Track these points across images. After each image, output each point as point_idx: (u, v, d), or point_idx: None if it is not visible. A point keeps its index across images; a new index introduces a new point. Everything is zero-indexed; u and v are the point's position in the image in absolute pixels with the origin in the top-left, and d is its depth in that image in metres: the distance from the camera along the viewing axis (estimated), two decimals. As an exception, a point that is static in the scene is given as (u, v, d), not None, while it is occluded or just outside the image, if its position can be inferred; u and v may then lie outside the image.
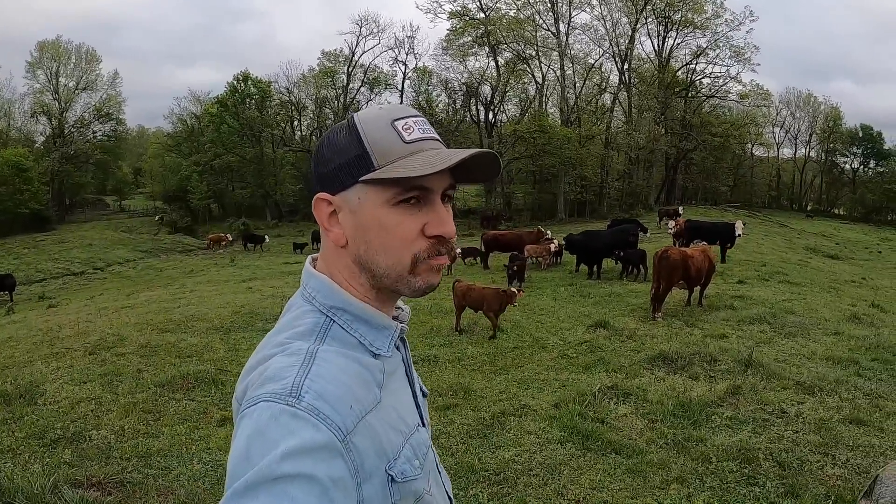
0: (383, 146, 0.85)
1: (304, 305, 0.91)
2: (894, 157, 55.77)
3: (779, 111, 56.11)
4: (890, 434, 4.41)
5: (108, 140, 51.45)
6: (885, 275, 18.05)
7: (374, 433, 0.80)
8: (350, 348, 0.86)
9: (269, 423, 0.72)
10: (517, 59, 44.48)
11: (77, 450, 4.31)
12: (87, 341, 7.65)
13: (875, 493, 1.96)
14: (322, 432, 0.72)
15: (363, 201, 0.86)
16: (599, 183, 42.61)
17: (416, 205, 0.86)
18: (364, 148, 0.85)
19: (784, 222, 35.41)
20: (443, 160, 0.83)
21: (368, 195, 0.86)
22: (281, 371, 0.78)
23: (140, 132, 69.29)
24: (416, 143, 0.86)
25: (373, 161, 0.85)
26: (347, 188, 0.87)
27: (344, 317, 0.88)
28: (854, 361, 6.23)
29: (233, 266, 21.17)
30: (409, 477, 0.84)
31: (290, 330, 0.87)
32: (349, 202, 0.87)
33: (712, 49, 44.80)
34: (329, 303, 0.89)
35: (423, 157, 0.85)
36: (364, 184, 0.85)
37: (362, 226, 0.87)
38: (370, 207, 0.86)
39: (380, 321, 0.91)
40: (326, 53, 48.06)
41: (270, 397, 0.74)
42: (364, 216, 0.86)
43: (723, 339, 7.20)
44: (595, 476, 3.84)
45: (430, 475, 0.93)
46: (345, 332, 0.87)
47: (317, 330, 0.86)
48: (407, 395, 0.96)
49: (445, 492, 1.03)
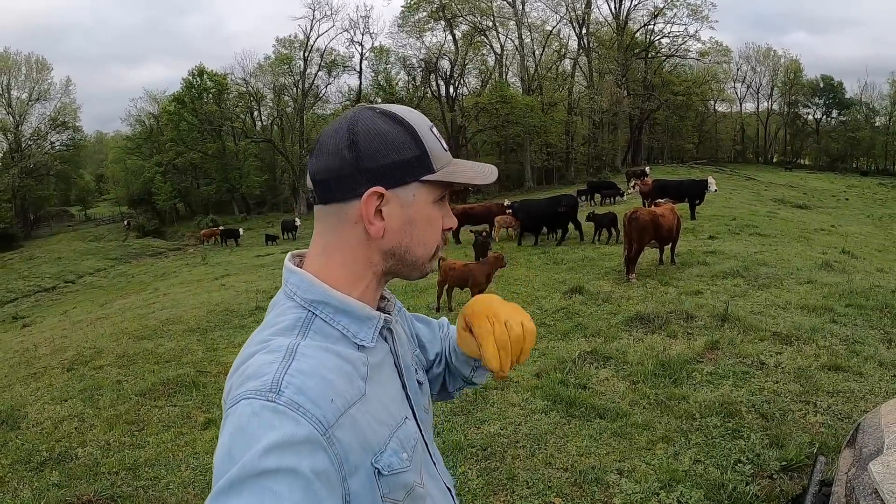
0: (435, 151, 0.91)
1: (287, 302, 0.91)
2: (856, 106, 56.97)
3: (739, 66, 56.88)
4: (869, 378, 4.49)
5: (66, 150, 50.22)
6: (854, 221, 18.50)
7: (357, 427, 0.80)
8: (333, 341, 0.86)
9: (250, 419, 0.72)
10: (474, 31, 44.27)
11: (64, 470, 4.22)
12: (64, 357, 7.50)
13: (858, 442, 1.98)
14: (303, 426, 0.73)
15: (416, 198, 0.91)
16: (565, 149, 42.82)
17: (442, 202, 0.95)
18: (424, 150, 0.90)
19: (751, 175, 35.96)
20: (487, 173, 0.96)
21: (421, 193, 0.91)
22: (261, 368, 0.79)
23: (98, 138, 67.66)
24: (448, 152, 0.95)
25: (432, 164, 0.90)
26: (404, 185, 0.89)
27: (325, 310, 0.88)
28: (828, 309, 6.31)
29: (205, 264, 20.90)
30: (397, 470, 0.85)
31: (273, 327, 0.87)
32: (402, 198, 0.90)
33: (670, 9, 45.08)
34: (310, 297, 0.89)
35: (466, 166, 0.95)
36: (420, 183, 0.90)
37: (411, 220, 0.91)
38: (422, 204, 0.91)
39: (361, 312, 0.90)
40: (281, 40, 47.36)
41: (251, 394, 0.75)
42: (414, 212, 0.91)
43: (698, 296, 7.26)
44: (581, 442, 3.86)
45: (421, 468, 0.93)
46: (327, 325, 0.88)
47: (299, 325, 0.86)
48: (395, 387, 0.96)
49: (444, 484, 1.03)
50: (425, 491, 0.93)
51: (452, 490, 1.07)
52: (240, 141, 47.19)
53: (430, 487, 0.95)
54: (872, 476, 1.73)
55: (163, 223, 46.17)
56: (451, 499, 1.05)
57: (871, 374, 4.56)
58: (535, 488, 3.35)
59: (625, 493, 3.21)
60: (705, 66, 49.12)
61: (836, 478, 1.97)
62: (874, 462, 1.79)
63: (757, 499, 3.02)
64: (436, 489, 0.99)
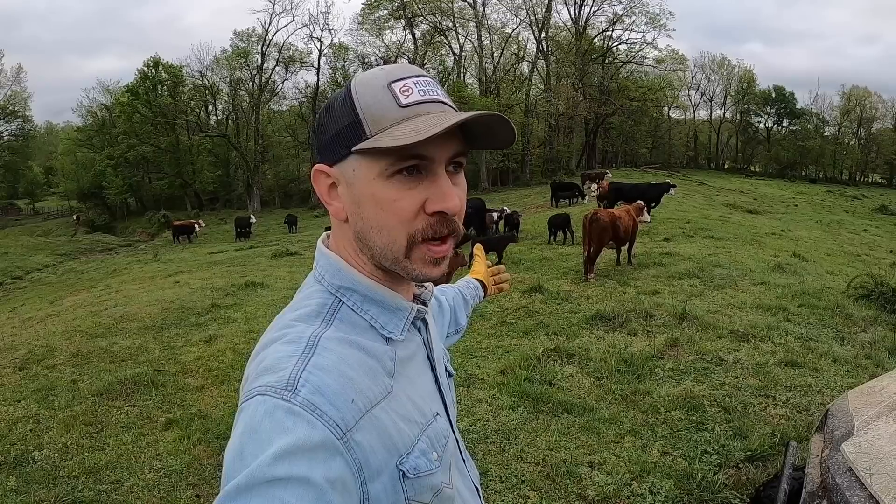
0: (376, 112, 0.77)
1: (314, 285, 0.86)
2: (806, 116, 59.27)
3: (694, 75, 58.34)
4: (824, 373, 4.69)
5: (15, 140, 48.36)
6: (803, 226, 19.14)
7: (381, 427, 0.76)
8: (360, 332, 0.81)
9: (263, 419, 0.68)
10: (434, 30, 44.39)
11: (21, 474, 4.04)
12: (15, 356, 7.18)
13: (828, 426, 2.09)
14: (318, 429, 0.68)
15: (357, 173, 0.79)
16: (521, 151, 43.19)
17: (416, 177, 0.78)
18: (357, 115, 0.78)
19: (703, 181, 36.92)
20: (433, 126, 0.74)
21: (361, 167, 0.79)
22: (279, 361, 0.74)
23: (48, 129, 65.34)
24: (414, 107, 0.77)
25: (365, 129, 0.77)
26: (343, 159, 0.80)
27: (353, 297, 0.83)
28: (782, 308, 6.55)
29: (157, 261, 20.31)
30: (423, 473, 0.79)
31: (297, 311, 0.83)
32: (345, 174, 0.81)
33: (628, 16, 46.00)
34: (337, 282, 0.84)
35: (417, 122, 0.76)
36: (358, 154, 0.79)
37: (357, 200, 0.80)
38: (364, 180, 0.79)
39: (392, 302, 0.85)
40: (239, 34, 46.53)
41: (266, 391, 0.70)
42: (358, 190, 0.80)
43: (656, 295, 7.43)
44: (551, 437, 3.92)
45: (450, 467, 0.88)
46: (354, 314, 0.83)
47: (323, 312, 0.82)
48: (427, 382, 0.91)
49: (472, 482, 0.99)
50: (454, 491, 0.87)
51: (480, 489, 1.03)
52: (194, 135, 46.11)
53: (459, 486, 0.91)
54: (846, 456, 1.84)
55: (113, 218, 44.75)
56: (479, 499, 1.00)
57: (826, 369, 4.77)
58: (509, 482, 3.39)
59: (597, 484, 3.28)
60: (661, 74, 50.22)
61: (810, 460, 2.08)
62: (846, 443, 1.90)
63: (725, 487, 3.13)
64: (465, 488, 0.94)
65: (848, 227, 21.38)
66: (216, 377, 5.70)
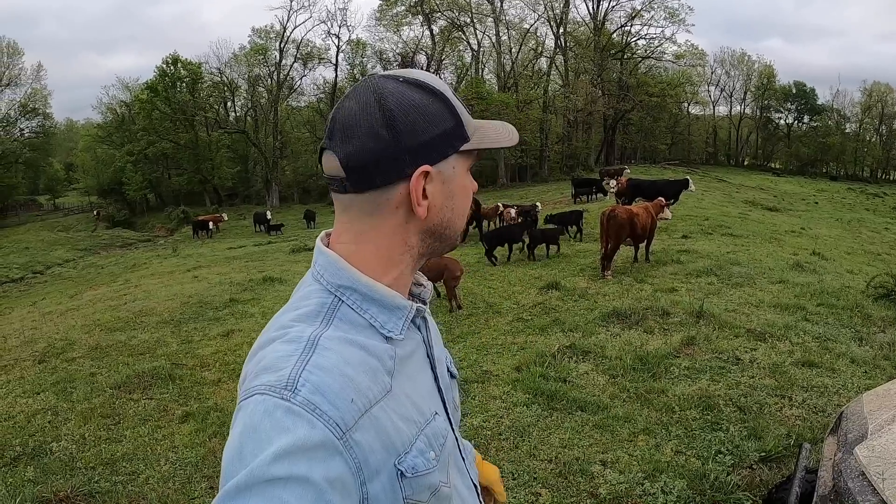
0: (465, 116, 0.88)
1: (313, 284, 0.86)
2: (827, 112, 58.37)
3: (713, 70, 57.76)
4: (841, 374, 4.61)
5: (36, 137, 48.75)
6: (823, 224, 18.89)
7: (380, 427, 0.75)
8: (359, 331, 0.81)
9: (262, 418, 0.68)
10: (452, 26, 44.29)
11: (39, 465, 4.12)
12: (35, 349, 7.32)
13: (842, 429, 2.05)
14: (318, 429, 0.68)
15: (456, 170, 0.87)
16: (539, 147, 43.01)
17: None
18: (459, 118, 0.86)
19: (722, 177, 36.54)
20: (512, 134, 0.92)
21: (460, 164, 0.87)
22: (278, 361, 0.74)
23: (69, 125, 66.21)
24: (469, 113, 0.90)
25: (466, 131, 0.87)
26: (445, 158, 0.85)
27: (353, 296, 0.83)
28: (800, 307, 6.45)
29: (176, 256, 20.56)
30: (421, 472, 0.79)
31: (296, 311, 0.82)
32: (444, 172, 0.86)
33: (647, 11, 45.62)
34: (336, 282, 0.84)
35: (492, 127, 0.91)
36: (458, 153, 0.86)
37: (452, 194, 0.88)
38: (461, 175, 0.88)
39: (392, 301, 0.85)
40: (257, 30, 46.81)
41: (265, 390, 0.70)
42: (455, 184, 0.87)
43: (673, 293, 7.37)
44: (564, 434, 3.90)
45: (449, 465, 0.88)
46: (354, 313, 0.82)
47: (323, 311, 0.81)
48: (426, 380, 0.91)
49: (471, 480, 0.99)
50: (451, 490, 0.87)
51: (478, 487, 1.04)
52: (213, 131, 46.50)
53: (458, 485, 0.91)
54: (859, 459, 1.81)
55: (133, 214, 45.25)
56: (477, 496, 1.01)
57: (844, 370, 4.68)
58: (521, 479, 3.38)
59: (609, 483, 3.26)
60: (680, 69, 49.79)
61: (822, 463, 2.04)
62: (860, 446, 1.86)
63: (738, 488, 3.09)
64: (463, 486, 0.95)
65: (869, 226, 21.07)
66: (233, 371, 5.75)
